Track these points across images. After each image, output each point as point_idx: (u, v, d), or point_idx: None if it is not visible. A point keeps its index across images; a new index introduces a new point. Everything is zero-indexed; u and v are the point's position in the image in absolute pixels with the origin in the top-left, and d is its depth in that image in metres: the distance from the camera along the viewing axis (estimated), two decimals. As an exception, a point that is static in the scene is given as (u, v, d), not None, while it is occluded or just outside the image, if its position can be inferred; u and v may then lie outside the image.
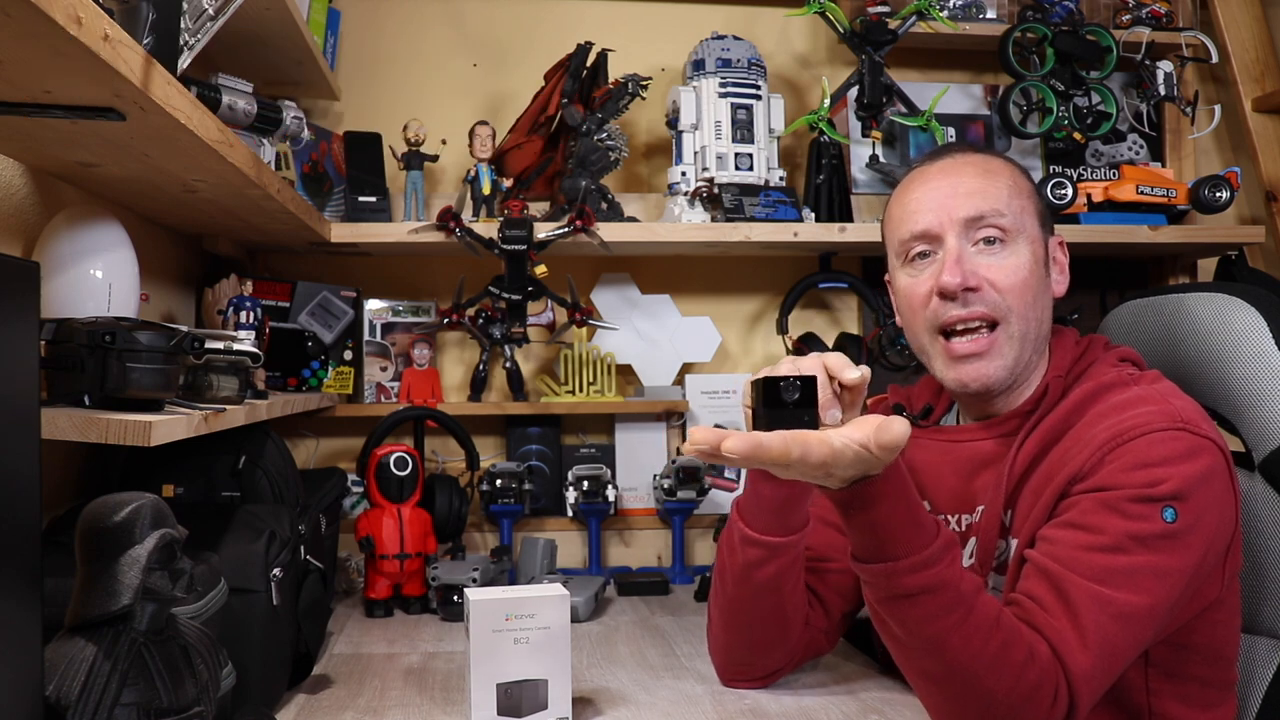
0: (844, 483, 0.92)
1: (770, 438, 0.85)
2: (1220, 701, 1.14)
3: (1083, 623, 0.99)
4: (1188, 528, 1.02)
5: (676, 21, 2.22)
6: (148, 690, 0.86)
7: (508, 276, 1.94)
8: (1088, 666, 0.98)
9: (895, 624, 0.97)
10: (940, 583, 0.94)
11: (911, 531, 0.94)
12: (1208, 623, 1.10)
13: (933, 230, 1.18)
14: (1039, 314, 1.18)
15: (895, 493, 0.93)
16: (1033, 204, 1.21)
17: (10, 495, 0.75)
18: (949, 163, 1.22)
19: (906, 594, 0.94)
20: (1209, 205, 2.06)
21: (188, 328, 1.20)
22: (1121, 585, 1.00)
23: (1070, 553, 1.03)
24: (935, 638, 0.95)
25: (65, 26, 0.75)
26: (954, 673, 0.96)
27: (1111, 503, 1.03)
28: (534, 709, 1.11)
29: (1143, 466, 1.03)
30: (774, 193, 2.01)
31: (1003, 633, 0.96)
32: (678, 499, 2.00)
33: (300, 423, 2.04)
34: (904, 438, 0.85)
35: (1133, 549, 1.01)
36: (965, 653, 0.95)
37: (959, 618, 0.95)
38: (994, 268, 1.16)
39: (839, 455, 0.87)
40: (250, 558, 1.18)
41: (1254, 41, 2.23)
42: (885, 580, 0.95)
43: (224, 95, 1.36)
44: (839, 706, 1.20)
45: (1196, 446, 1.05)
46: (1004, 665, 0.95)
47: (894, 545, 0.94)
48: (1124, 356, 1.21)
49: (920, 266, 1.20)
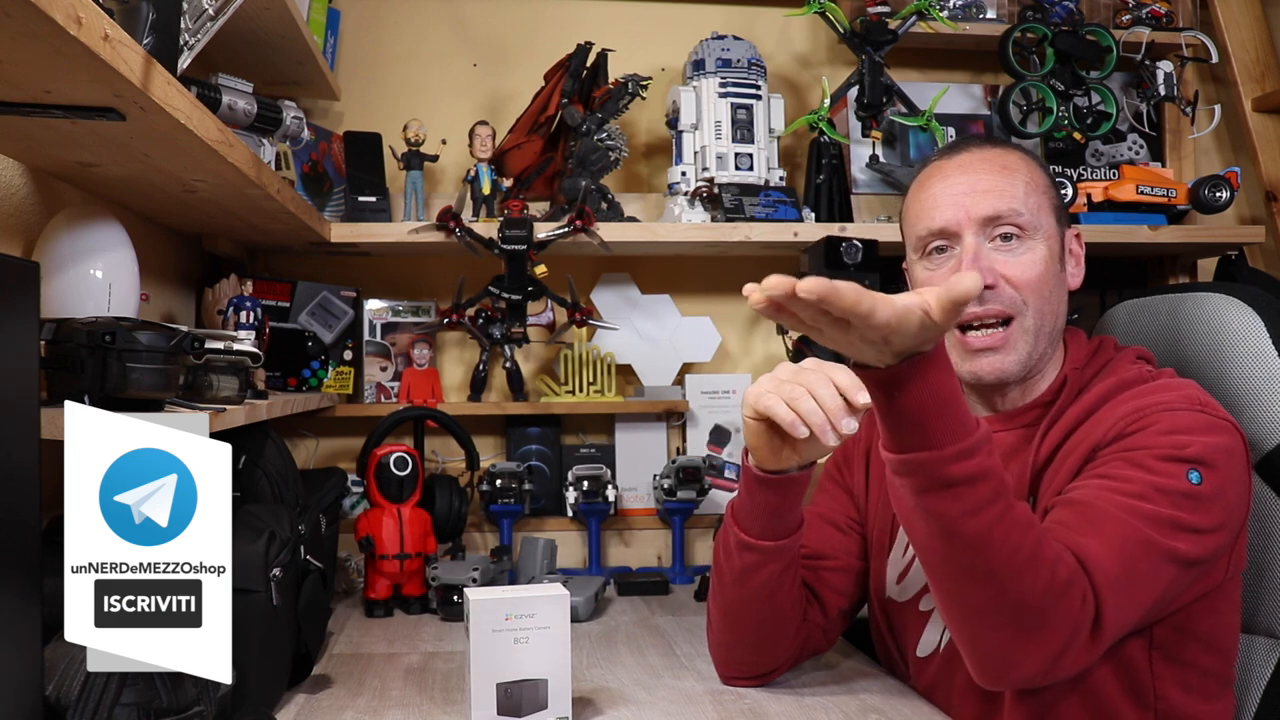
0: (896, 356, 0.88)
1: (845, 285, 0.80)
2: (1219, 695, 1.14)
3: (1108, 538, 0.99)
4: (1210, 495, 1.03)
5: (676, 21, 2.22)
6: (147, 690, 0.86)
7: (508, 276, 1.94)
8: (1113, 574, 0.97)
9: (934, 520, 0.95)
10: (983, 472, 0.92)
11: (955, 417, 0.91)
12: (1208, 609, 1.11)
13: (950, 228, 1.20)
14: (1054, 308, 1.20)
15: (941, 373, 0.90)
16: (1049, 199, 1.22)
17: (10, 495, 0.75)
18: (967, 158, 1.23)
19: (950, 483, 0.92)
20: (1209, 205, 2.06)
21: (188, 328, 1.20)
22: (1146, 524, 1.01)
23: (1094, 493, 1.04)
24: (977, 532, 0.93)
25: (65, 26, 0.75)
26: (993, 570, 0.94)
27: (1138, 460, 1.04)
28: (534, 709, 1.11)
29: (1170, 433, 1.05)
30: (774, 193, 2.02)
31: (1037, 530, 0.96)
32: (678, 499, 2.00)
33: (300, 423, 2.04)
34: (974, 292, 0.81)
35: (1157, 499, 1.02)
36: (1005, 548, 0.93)
37: (1000, 510, 0.93)
38: (1010, 264, 1.18)
39: (904, 318, 0.82)
40: (250, 558, 1.18)
41: (1254, 41, 2.23)
42: (929, 469, 0.92)
43: (224, 95, 1.36)
44: (839, 706, 1.20)
45: (1218, 425, 1.08)
46: (1040, 562, 0.94)
47: (938, 431, 0.91)
48: (1139, 355, 1.24)
49: (938, 261, 1.22)
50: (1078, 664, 0.98)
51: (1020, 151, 1.24)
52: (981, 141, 1.27)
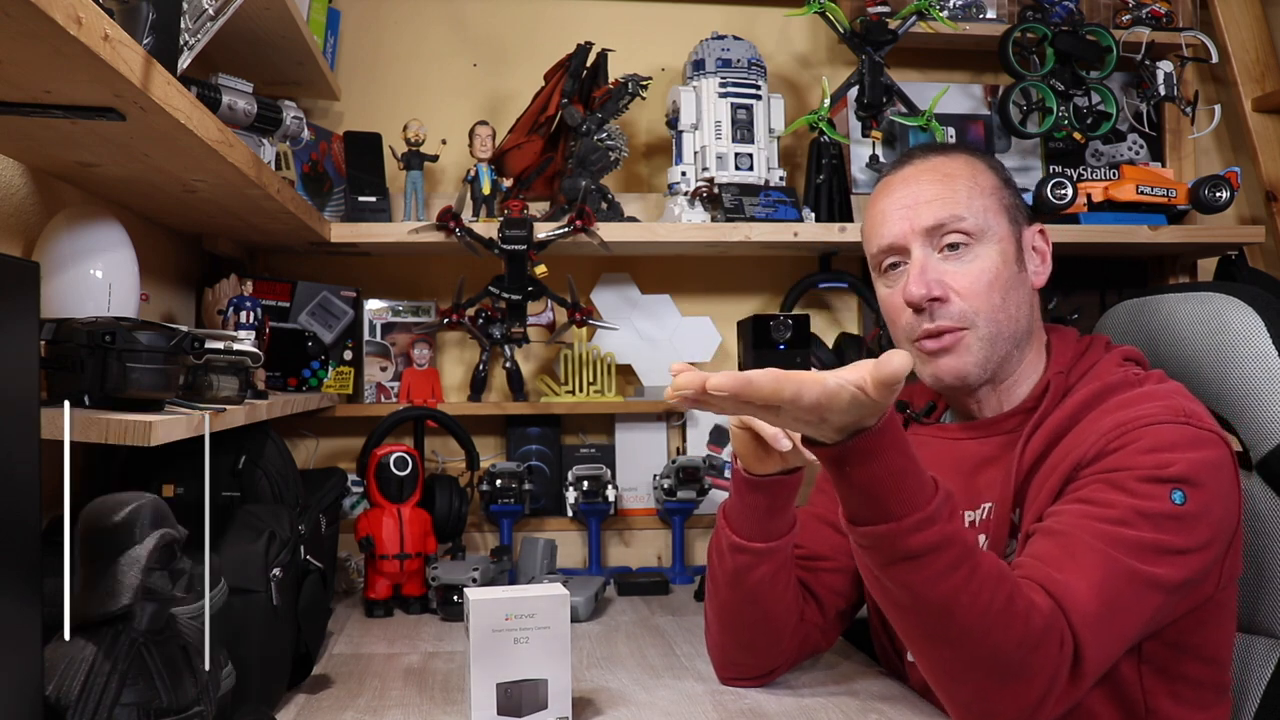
0: (839, 433, 0.87)
1: (760, 374, 0.79)
2: (1215, 703, 1.14)
3: (1088, 575, 0.97)
4: (1195, 514, 1.01)
5: (676, 21, 2.22)
6: (148, 690, 0.86)
7: (508, 276, 1.94)
8: (1092, 612, 0.96)
9: (899, 589, 0.94)
10: (945, 539, 0.90)
11: (911, 487, 0.89)
12: (1200, 622, 1.10)
13: (898, 243, 1.21)
14: (1010, 311, 1.19)
15: (892, 445, 0.88)
16: (997, 200, 1.21)
17: (10, 495, 0.75)
18: (909, 171, 1.24)
19: (911, 554, 0.90)
20: (1209, 205, 2.06)
21: (188, 328, 1.20)
22: (1128, 553, 0.99)
23: (1076, 520, 1.02)
24: (944, 597, 0.92)
25: (65, 26, 0.75)
26: (965, 631, 0.93)
27: (1119, 482, 1.02)
28: (534, 709, 1.11)
29: (1152, 451, 1.03)
30: (774, 193, 2.01)
31: (1008, 583, 0.94)
32: (678, 499, 2.00)
33: (300, 423, 2.04)
34: (904, 371, 0.80)
35: (1140, 524, 1.00)
36: (975, 609, 0.92)
37: (967, 573, 0.91)
38: (959, 275, 1.18)
39: (834, 396, 0.81)
40: (250, 558, 1.18)
41: (1254, 41, 2.23)
42: (889, 542, 0.90)
43: (224, 95, 1.36)
44: (839, 706, 1.20)
45: (1203, 439, 1.05)
46: (1012, 616, 0.93)
47: (894, 503, 0.89)
48: (1128, 356, 1.21)
49: (894, 277, 1.24)
50: (1060, 707, 0.97)
51: (967, 155, 1.24)
52: (926, 151, 1.26)
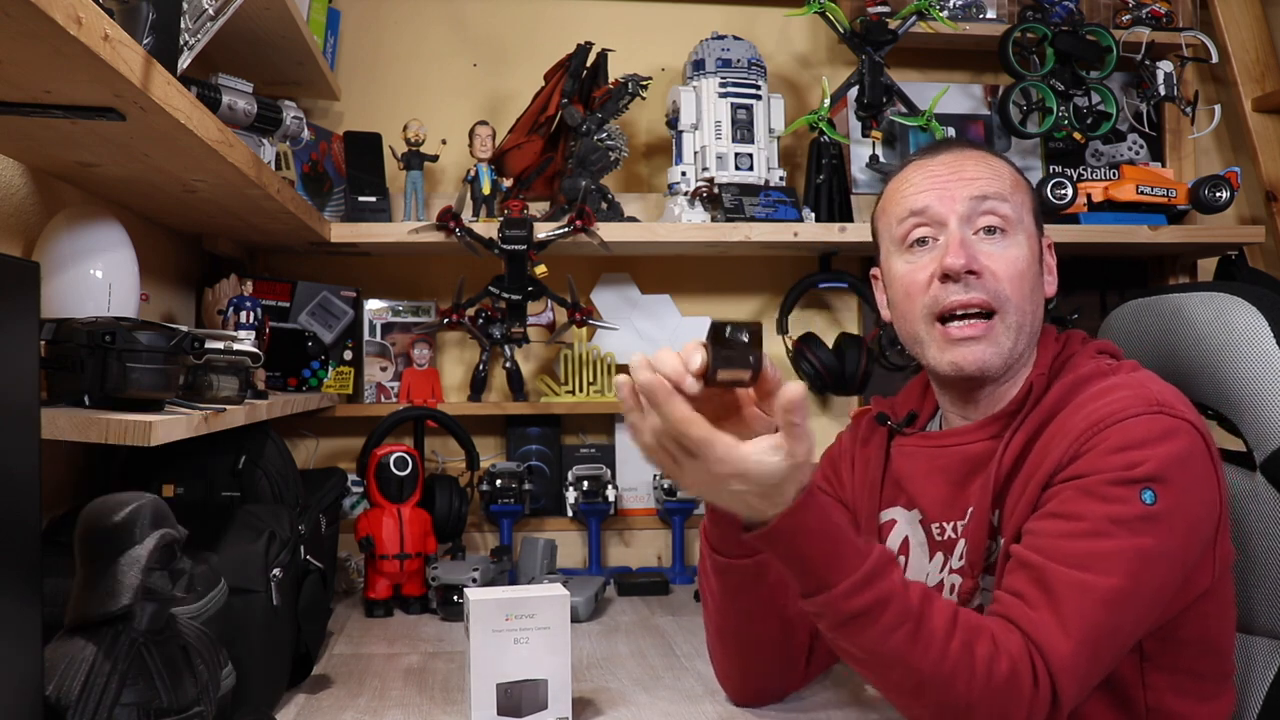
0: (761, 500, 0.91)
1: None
2: (1217, 693, 1.13)
3: (1064, 611, 0.98)
4: (1168, 510, 1.01)
5: (676, 21, 2.22)
6: (148, 690, 0.86)
7: (508, 276, 1.94)
8: (1067, 653, 0.96)
9: (852, 647, 0.97)
10: (883, 598, 0.94)
11: (842, 552, 0.94)
12: (1199, 614, 1.09)
13: (934, 209, 1.16)
14: (1033, 308, 1.17)
15: (816, 511, 0.93)
16: (1030, 200, 1.21)
17: (10, 495, 0.75)
18: (950, 156, 1.21)
19: (852, 616, 0.94)
20: (1209, 205, 2.06)
21: (188, 328, 1.20)
22: (1103, 570, 0.99)
23: (1051, 542, 1.02)
24: (895, 652, 0.95)
25: (65, 26, 0.75)
26: (923, 682, 0.96)
27: (1090, 488, 1.02)
28: (534, 709, 1.11)
29: (1120, 450, 1.03)
30: (774, 193, 2.01)
31: (962, 633, 0.95)
32: (678, 499, 2.00)
33: (300, 423, 2.04)
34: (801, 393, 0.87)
35: (1113, 532, 1.00)
36: (928, 659, 0.94)
37: (910, 629, 0.94)
38: (995, 256, 1.15)
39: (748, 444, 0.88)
40: (250, 558, 1.18)
41: (1254, 41, 2.23)
42: (830, 609, 0.94)
43: (224, 95, 1.36)
44: (839, 706, 1.20)
45: (1174, 428, 1.04)
46: (973, 663, 0.94)
47: (828, 571, 0.93)
48: (1101, 349, 1.21)
49: (919, 253, 1.17)
50: None
51: (1004, 157, 1.23)
52: (965, 143, 1.25)
